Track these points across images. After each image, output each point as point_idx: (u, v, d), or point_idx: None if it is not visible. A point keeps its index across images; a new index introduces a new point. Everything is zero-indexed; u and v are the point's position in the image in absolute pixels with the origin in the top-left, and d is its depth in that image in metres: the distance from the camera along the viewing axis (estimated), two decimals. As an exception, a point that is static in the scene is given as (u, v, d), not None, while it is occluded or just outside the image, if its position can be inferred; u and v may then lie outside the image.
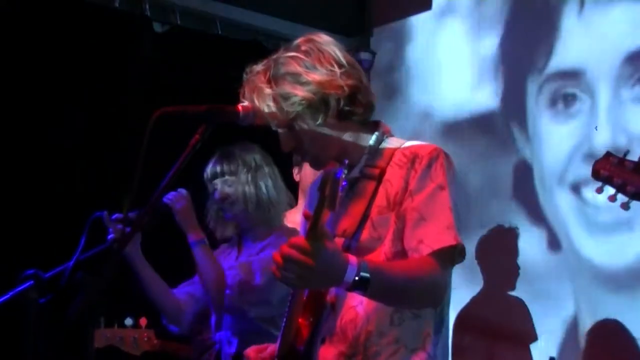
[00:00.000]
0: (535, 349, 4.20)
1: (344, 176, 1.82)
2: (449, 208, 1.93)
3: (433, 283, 1.90)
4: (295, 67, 1.98)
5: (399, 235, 1.94)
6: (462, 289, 4.34)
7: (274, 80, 1.98)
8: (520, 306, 4.27)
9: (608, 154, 2.66)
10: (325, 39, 2.05)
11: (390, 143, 2.06)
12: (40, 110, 4.14)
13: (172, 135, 2.23)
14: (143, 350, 3.63)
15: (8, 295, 2.56)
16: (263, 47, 4.73)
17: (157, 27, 4.46)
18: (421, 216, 1.92)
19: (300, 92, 1.96)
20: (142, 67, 4.41)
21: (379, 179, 1.99)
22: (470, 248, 4.35)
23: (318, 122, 1.99)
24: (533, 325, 4.21)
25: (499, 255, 4.44)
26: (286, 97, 1.96)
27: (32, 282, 2.55)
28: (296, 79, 1.97)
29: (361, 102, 2.03)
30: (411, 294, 1.88)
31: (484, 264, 4.39)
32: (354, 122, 2.04)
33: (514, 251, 4.34)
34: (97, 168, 4.20)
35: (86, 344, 2.69)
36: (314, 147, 2.02)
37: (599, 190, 2.66)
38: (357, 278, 1.75)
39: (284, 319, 2.01)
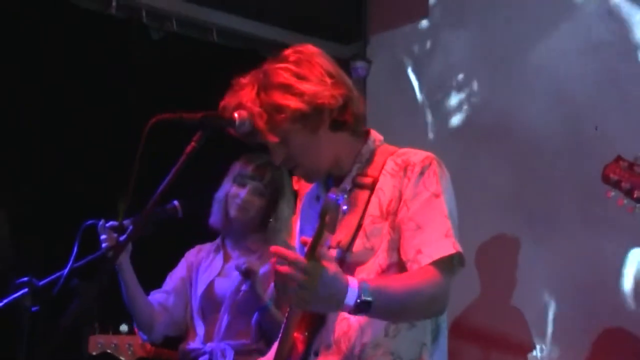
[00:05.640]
0: (533, 357, 4.20)
1: (346, 200, 1.81)
2: (445, 216, 1.90)
3: (435, 295, 1.86)
4: (287, 78, 1.94)
5: (394, 246, 1.91)
6: (459, 296, 4.33)
7: (263, 91, 1.94)
8: (517, 314, 4.27)
9: (618, 158, 2.67)
10: (313, 50, 2.03)
11: (382, 151, 2.03)
12: (36, 117, 4.13)
13: (168, 142, 2.22)
14: (137, 356, 3.61)
15: (2, 303, 2.54)
16: (259, 55, 4.73)
17: (154, 35, 4.46)
18: (417, 225, 1.89)
19: (292, 104, 1.92)
20: (138, 74, 4.40)
21: (372, 189, 1.96)
22: (470, 254, 4.34)
23: (310, 134, 1.96)
24: (530, 333, 4.21)
25: (498, 263, 4.44)
26: (278, 109, 1.92)
27: (26, 289, 2.53)
28: (288, 89, 1.93)
29: (353, 112, 2.00)
30: (413, 308, 1.86)
31: (482, 270, 4.39)
32: (346, 132, 2.01)
33: (513, 260, 4.35)
34: (93, 175, 4.19)
35: (80, 352, 2.68)
36: (306, 159, 1.98)
37: (609, 194, 2.66)
38: (358, 301, 1.72)
39: (280, 333, 1.98)
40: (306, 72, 1.95)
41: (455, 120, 4.82)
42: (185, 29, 4.59)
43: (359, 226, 1.94)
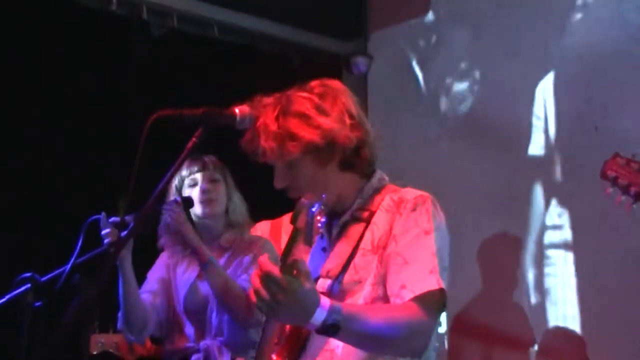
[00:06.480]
0: (533, 354, 4.21)
1: (322, 210, 1.81)
2: (433, 253, 1.88)
3: (413, 331, 1.83)
4: (307, 108, 1.95)
5: (381, 280, 1.90)
6: (460, 291, 4.35)
7: (282, 116, 1.94)
8: (518, 310, 4.28)
9: (616, 155, 2.68)
10: (339, 87, 2.04)
11: (386, 189, 2.03)
12: (38, 114, 4.14)
13: (169, 138, 2.23)
14: (138, 355, 3.61)
15: (4, 299, 2.55)
16: (260, 50, 4.73)
17: (155, 31, 4.46)
18: (404, 260, 1.88)
19: (307, 135, 1.93)
20: (139, 71, 4.41)
21: (368, 222, 1.97)
22: (472, 250, 4.36)
23: (318, 168, 1.96)
24: (532, 330, 4.22)
25: (499, 259, 4.44)
26: (291, 137, 1.93)
27: (28, 285, 2.54)
28: (306, 120, 1.94)
29: (365, 156, 2.01)
30: (388, 341, 1.82)
31: (483, 266, 4.40)
32: (354, 173, 2.02)
33: (514, 256, 4.36)
34: (94, 171, 4.20)
35: (82, 348, 2.69)
36: (310, 191, 1.96)
37: (607, 191, 2.68)
38: (326, 323, 1.71)
39: (255, 352, 1.96)
40: (328, 107, 1.97)
41: (457, 116, 4.81)
42: (186, 25, 4.59)
43: (350, 258, 1.94)
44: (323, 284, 1.94)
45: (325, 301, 1.72)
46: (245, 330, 3.02)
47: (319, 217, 1.77)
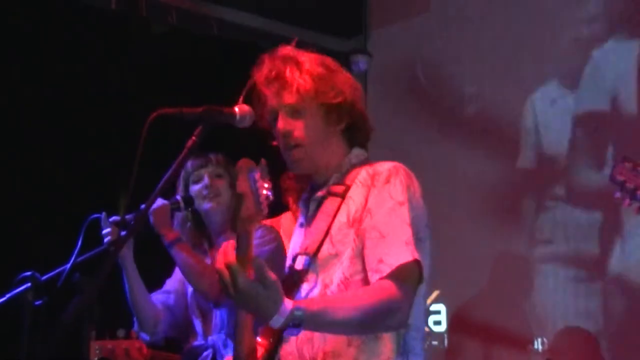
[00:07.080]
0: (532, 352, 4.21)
1: (265, 175, 1.78)
2: (407, 223, 1.87)
3: (386, 309, 1.82)
4: (331, 62, 2.01)
5: (359, 254, 1.90)
6: (460, 289, 4.35)
7: (310, 64, 1.98)
8: (517, 307, 4.28)
9: (624, 159, 2.69)
10: (337, 65, 2.07)
11: (362, 165, 2.02)
12: (37, 112, 4.13)
13: (169, 136, 2.22)
14: (134, 361, 3.61)
15: (5, 298, 2.55)
16: (260, 48, 4.71)
17: (155, 29, 4.46)
18: (380, 234, 1.87)
19: (342, 85, 1.98)
20: (139, 68, 4.40)
21: (343, 197, 1.96)
22: (472, 248, 4.36)
23: (325, 124, 1.97)
24: (530, 329, 4.22)
25: (499, 257, 4.44)
26: (325, 80, 1.96)
27: (29, 284, 2.54)
28: (337, 75, 2.00)
29: (365, 131, 2.05)
30: (360, 325, 1.82)
31: (483, 265, 4.40)
32: (347, 143, 2.03)
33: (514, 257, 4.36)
34: (94, 169, 4.20)
35: (82, 346, 2.68)
36: (308, 146, 1.97)
37: (616, 195, 2.68)
38: (287, 323, 1.70)
39: (234, 334, 1.95)
40: (341, 75, 2.03)
41: (457, 116, 4.81)
42: (186, 23, 4.59)
43: (327, 233, 1.94)
44: (301, 260, 1.95)
45: (287, 304, 1.70)
46: None
47: (265, 184, 1.75)
